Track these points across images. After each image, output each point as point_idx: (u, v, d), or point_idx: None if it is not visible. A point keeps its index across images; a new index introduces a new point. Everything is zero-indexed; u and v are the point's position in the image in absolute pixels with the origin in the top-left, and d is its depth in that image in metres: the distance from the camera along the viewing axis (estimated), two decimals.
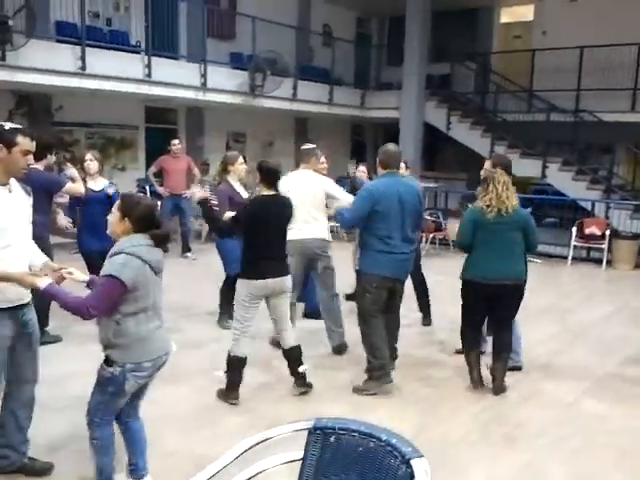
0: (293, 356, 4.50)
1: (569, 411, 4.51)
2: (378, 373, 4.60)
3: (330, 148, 16.89)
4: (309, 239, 5.18)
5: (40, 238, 3.89)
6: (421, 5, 13.67)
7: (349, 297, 6.51)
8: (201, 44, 12.57)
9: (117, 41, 11.76)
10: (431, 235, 10.89)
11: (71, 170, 5.62)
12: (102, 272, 2.88)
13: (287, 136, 16.15)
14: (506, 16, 16.00)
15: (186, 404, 4.39)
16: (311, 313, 6.10)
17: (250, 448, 1.94)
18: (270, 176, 4.36)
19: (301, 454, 1.86)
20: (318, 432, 1.85)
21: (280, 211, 4.38)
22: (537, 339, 6.07)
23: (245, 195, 5.46)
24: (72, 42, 10.09)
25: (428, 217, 10.84)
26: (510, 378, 4.92)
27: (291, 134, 16.46)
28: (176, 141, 9.36)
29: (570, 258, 10.20)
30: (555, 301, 7.79)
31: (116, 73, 10.34)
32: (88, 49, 10.11)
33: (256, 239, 4.24)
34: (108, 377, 2.91)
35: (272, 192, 4.37)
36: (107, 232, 3.02)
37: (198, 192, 7.38)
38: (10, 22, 8.51)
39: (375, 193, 4.45)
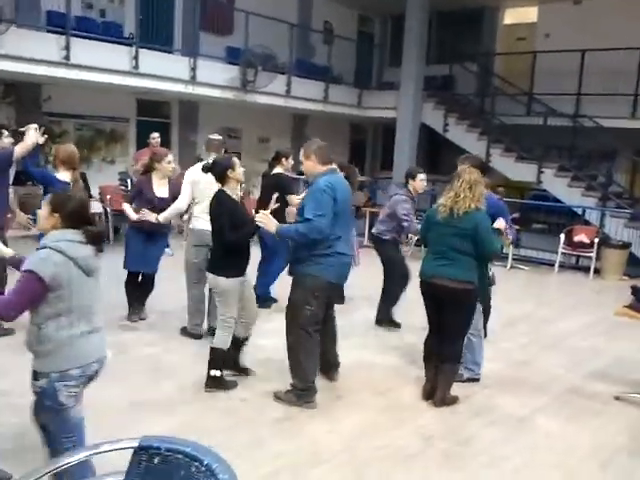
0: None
1: (519, 428, 4.28)
2: (301, 393, 4.33)
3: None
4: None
5: None
6: (420, 5, 13.40)
7: None
8: (194, 38, 12.44)
9: (110, 33, 11.64)
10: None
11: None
12: (22, 267, 2.71)
13: (284, 133, 15.95)
14: (510, 17, 15.68)
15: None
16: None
17: (59, 467, 1.73)
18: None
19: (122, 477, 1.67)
20: (143, 452, 1.65)
21: None
22: (504, 349, 5.84)
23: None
24: (59, 32, 9.97)
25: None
26: (464, 390, 4.71)
27: (288, 132, 16.27)
28: (156, 134, 9.19)
29: (557, 265, 9.93)
30: (534, 310, 7.54)
31: (102, 64, 10.19)
32: (75, 40, 9.98)
33: None
34: (39, 392, 2.74)
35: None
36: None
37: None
38: None
39: (336, 191, 4.09)
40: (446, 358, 4.43)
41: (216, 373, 4.41)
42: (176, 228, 10.94)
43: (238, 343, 4.62)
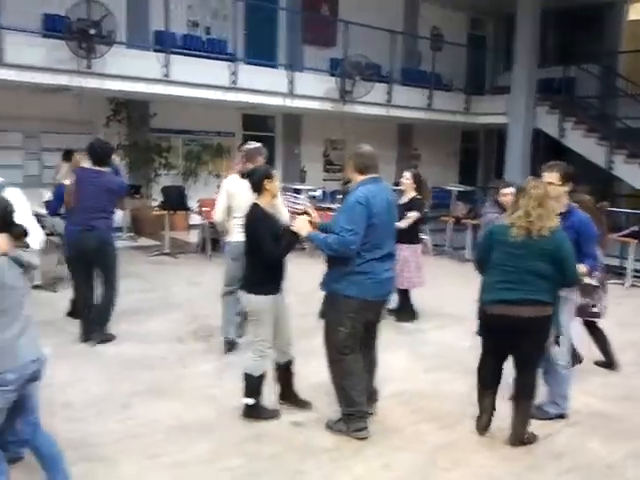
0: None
1: (604, 477, 3.65)
2: (349, 419, 3.96)
3: (436, 156, 16.28)
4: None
5: None
6: (531, 4, 12.59)
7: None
8: (296, 51, 12.52)
9: (213, 49, 11.99)
10: None
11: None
12: None
13: (389, 143, 15.64)
14: (636, 12, 14.35)
15: (160, 423, 4.09)
16: None
17: None
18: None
19: None
20: None
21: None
22: (603, 381, 5.12)
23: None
24: (162, 50, 10.35)
25: None
26: (547, 428, 4.13)
27: (394, 141, 15.93)
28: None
29: None
30: None
31: (202, 80, 10.45)
32: (176, 57, 10.33)
33: None
34: None
35: None
36: None
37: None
38: (92, 31, 8.80)
39: (371, 204, 3.75)
40: (522, 392, 3.90)
41: (248, 401, 4.11)
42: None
43: (282, 371, 4.32)
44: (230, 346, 5.34)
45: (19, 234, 2.81)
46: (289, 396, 4.38)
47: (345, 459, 3.73)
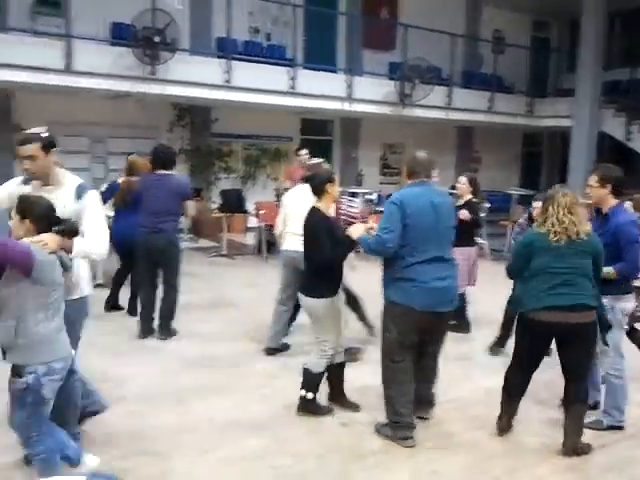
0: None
1: None
2: (395, 426, 3.94)
3: (497, 160, 15.97)
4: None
5: None
6: (595, 5, 12.21)
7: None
8: (356, 55, 12.55)
9: (274, 55, 12.17)
10: None
11: None
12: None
13: (449, 147, 15.47)
14: None
15: (213, 419, 4.18)
16: None
17: None
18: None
19: None
20: None
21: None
22: None
23: None
24: (224, 57, 10.59)
25: None
26: (602, 439, 4.01)
27: (453, 144, 15.74)
28: (304, 151, 9.26)
29: None
30: None
31: (261, 86, 10.62)
32: (237, 63, 10.54)
33: None
34: (23, 389, 2.78)
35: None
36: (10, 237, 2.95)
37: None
38: (156, 38, 9.09)
39: (406, 205, 3.73)
40: (574, 400, 3.80)
41: (307, 395, 4.20)
42: None
43: (334, 371, 4.34)
44: (271, 351, 5.43)
45: (70, 232, 2.96)
46: (338, 397, 4.41)
47: (393, 463, 3.72)
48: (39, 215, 2.93)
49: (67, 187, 3.32)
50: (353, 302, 5.53)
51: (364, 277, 5.23)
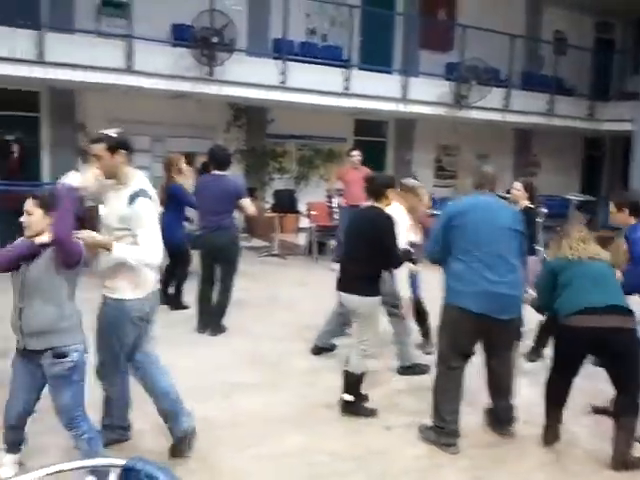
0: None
1: None
2: (439, 431, 3.90)
3: (557, 164, 15.57)
4: None
5: None
6: None
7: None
8: (412, 56, 12.48)
9: (330, 56, 12.21)
10: None
11: None
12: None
13: (505, 149, 15.19)
14: None
15: (255, 415, 4.24)
16: None
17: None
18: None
19: None
20: (127, 473, 1.57)
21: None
22: None
23: None
24: (280, 58, 10.70)
25: None
26: None
27: (510, 147, 15.45)
28: (356, 152, 9.28)
29: None
30: None
31: (316, 87, 10.68)
32: (292, 64, 10.62)
33: None
34: (71, 367, 2.92)
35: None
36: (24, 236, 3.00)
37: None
38: (214, 39, 9.27)
39: (449, 216, 3.85)
40: (623, 411, 3.69)
41: (349, 398, 4.22)
42: None
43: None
44: (318, 350, 5.46)
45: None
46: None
47: (435, 468, 3.71)
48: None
49: (128, 190, 3.32)
50: (422, 316, 5.50)
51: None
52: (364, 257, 4.17)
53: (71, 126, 10.74)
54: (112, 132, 3.37)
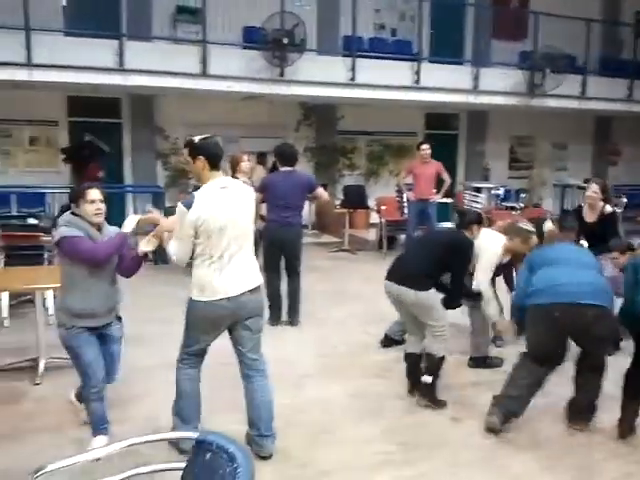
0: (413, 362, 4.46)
1: None
2: (497, 404, 3.97)
3: (637, 153, 14.91)
4: None
5: None
6: None
7: None
8: (484, 47, 12.28)
9: (399, 50, 12.21)
10: None
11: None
12: None
13: (584, 138, 14.71)
14: None
15: (326, 404, 4.39)
16: None
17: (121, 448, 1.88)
18: None
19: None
20: (199, 445, 1.74)
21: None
22: None
23: None
24: (349, 55, 10.80)
25: None
26: None
27: (588, 136, 14.94)
28: (426, 145, 9.25)
29: None
30: None
31: (385, 82, 10.71)
32: (361, 60, 10.70)
33: None
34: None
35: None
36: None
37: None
38: (284, 40, 9.47)
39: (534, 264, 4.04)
40: None
41: (428, 379, 4.30)
42: None
43: (417, 360, 4.48)
44: (387, 342, 5.52)
45: None
46: (417, 385, 4.47)
47: (503, 458, 3.72)
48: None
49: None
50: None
51: None
52: (426, 268, 4.27)
53: (150, 130, 11.26)
54: (195, 138, 3.45)
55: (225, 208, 3.35)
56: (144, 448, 1.91)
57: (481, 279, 4.66)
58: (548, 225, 5.57)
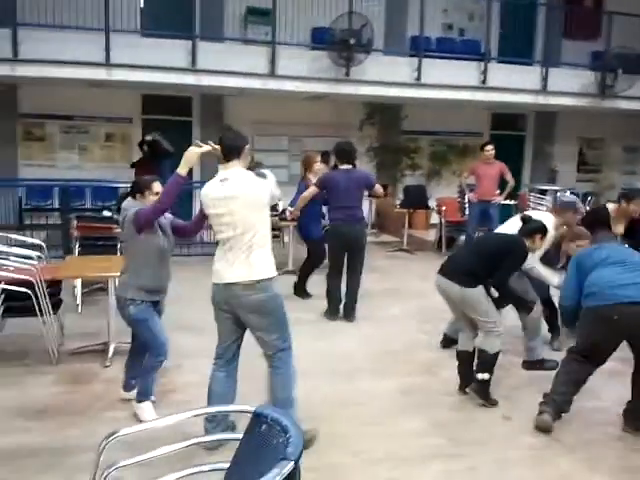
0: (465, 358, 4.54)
1: None
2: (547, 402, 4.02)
3: None
4: None
5: None
6: None
7: None
8: (555, 47, 12.08)
9: (467, 50, 12.15)
10: None
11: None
12: None
13: None
14: None
15: (377, 397, 4.51)
16: None
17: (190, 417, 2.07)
18: None
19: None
20: (256, 417, 1.92)
21: None
22: None
23: None
24: (415, 55, 10.85)
25: None
26: None
27: None
28: (489, 147, 9.20)
29: None
30: None
31: (451, 82, 10.71)
32: (427, 60, 10.73)
33: None
34: None
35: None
36: None
37: None
38: (351, 41, 9.60)
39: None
40: None
41: (484, 376, 4.35)
42: None
43: (468, 357, 4.54)
44: (446, 342, 5.55)
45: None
46: (470, 383, 4.51)
47: (552, 457, 3.75)
48: None
49: None
50: (550, 312, 5.48)
51: None
52: (474, 267, 4.35)
53: (219, 128, 11.63)
54: (227, 135, 3.58)
55: (223, 200, 3.41)
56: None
57: (531, 260, 4.68)
58: (611, 207, 5.71)
